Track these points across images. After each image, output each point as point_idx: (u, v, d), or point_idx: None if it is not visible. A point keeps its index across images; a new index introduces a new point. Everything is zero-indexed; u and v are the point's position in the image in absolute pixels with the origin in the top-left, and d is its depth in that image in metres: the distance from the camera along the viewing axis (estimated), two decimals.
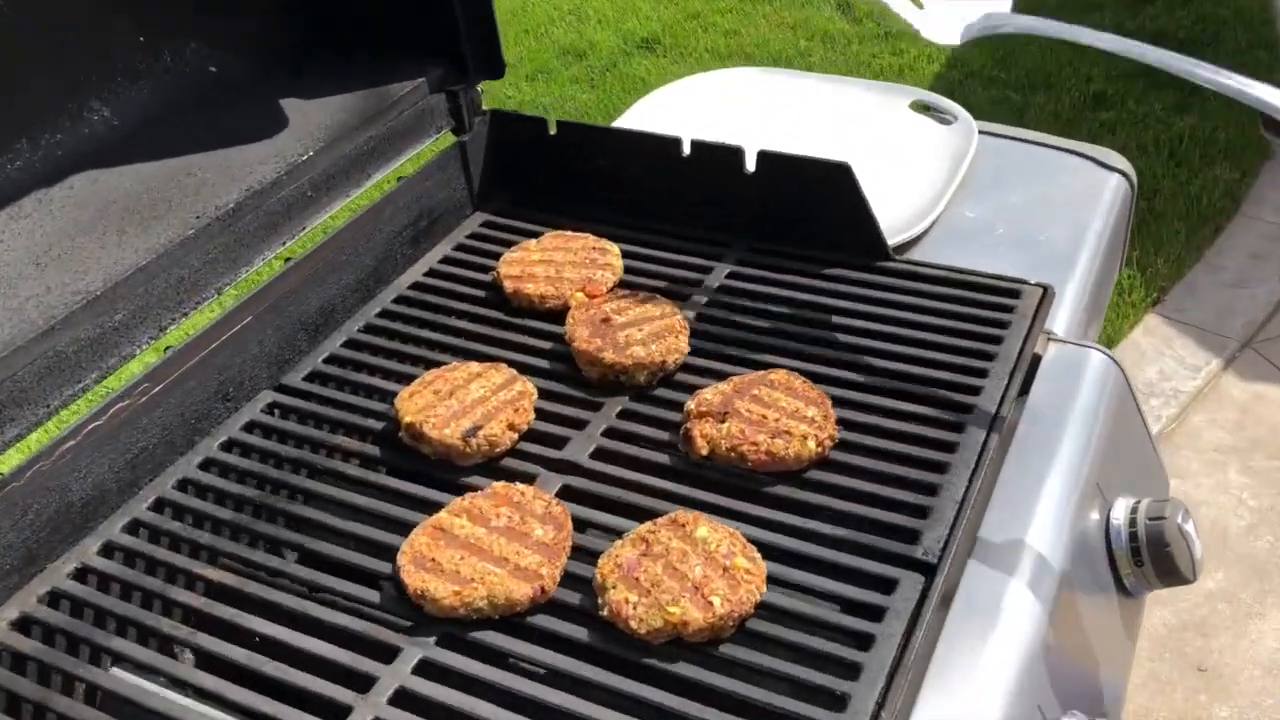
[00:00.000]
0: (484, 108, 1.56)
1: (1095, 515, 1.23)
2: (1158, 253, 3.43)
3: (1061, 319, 1.42)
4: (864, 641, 0.96)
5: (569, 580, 1.03)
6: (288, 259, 1.32)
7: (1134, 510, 1.23)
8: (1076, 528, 1.17)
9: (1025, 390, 1.28)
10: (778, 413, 1.15)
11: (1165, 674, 2.37)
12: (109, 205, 1.22)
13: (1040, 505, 1.16)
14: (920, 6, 1.22)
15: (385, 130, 1.44)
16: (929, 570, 1.02)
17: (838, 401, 1.19)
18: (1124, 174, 1.68)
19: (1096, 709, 1.10)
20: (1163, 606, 2.49)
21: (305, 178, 1.34)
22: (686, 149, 1.46)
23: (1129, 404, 1.36)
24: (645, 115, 1.80)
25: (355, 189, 1.41)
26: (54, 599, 1.06)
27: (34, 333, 1.06)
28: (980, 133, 1.72)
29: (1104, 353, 1.37)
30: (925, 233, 1.53)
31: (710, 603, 0.96)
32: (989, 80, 4.30)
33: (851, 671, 0.94)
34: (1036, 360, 1.32)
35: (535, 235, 1.48)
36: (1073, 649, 1.16)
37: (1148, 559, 1.22)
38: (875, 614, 0.98)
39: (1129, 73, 4.29)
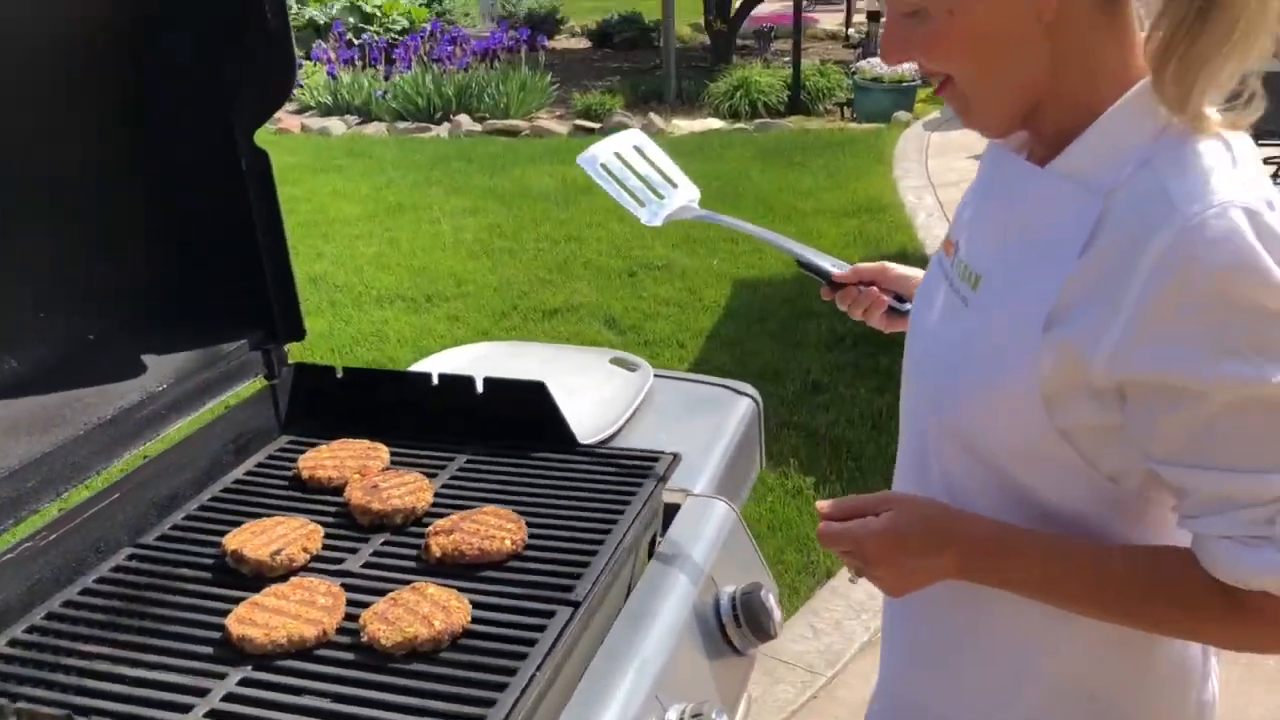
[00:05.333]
0: (290, 361, 2.18)
1: (710, 599, 1.83)
2: None
3: (700, 483, 2.07)
4: (528, 644, 1.52)
5: (341, 631, 1.56)
6: (145, 456, 1.87)
7: (733, 592, 1.84)
8: (698, 608, 1.77)
9: (667, 525, 1.91)
10: (488, 528, 1.73)
11: None
12: (19, 422, 1.77)
13: (675, 589, 1.76)
14: (641, 205, 1.94)
15: (216, 374, 2.04)
16: (577, 605, 1.60)
17: (529, 523, 1.79)
18: (752, 398, 2.39)
19: (702, 708, 1.66)
20: None
21: (159, 403, 1.91)
22: (435, 380, 2.10)
23: (740, 531, 1.99)
24: (415, 368, 2.45)
25: (194, 412, 1.99)
26: None
27: None
28: (655, 376, 2.42)
29: (725, 502, 2.01)
30: (612, 437, 2.19)
31: (432, 624, 1.51)
32: (728, 374, 5.15)
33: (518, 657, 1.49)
34: (676, 507, 1.95)
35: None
36: (689, 677, 1.73)
37: (744, 622, 1.82)
38: (537, 631, 1.55)
39: (840, 365, 5.23)
